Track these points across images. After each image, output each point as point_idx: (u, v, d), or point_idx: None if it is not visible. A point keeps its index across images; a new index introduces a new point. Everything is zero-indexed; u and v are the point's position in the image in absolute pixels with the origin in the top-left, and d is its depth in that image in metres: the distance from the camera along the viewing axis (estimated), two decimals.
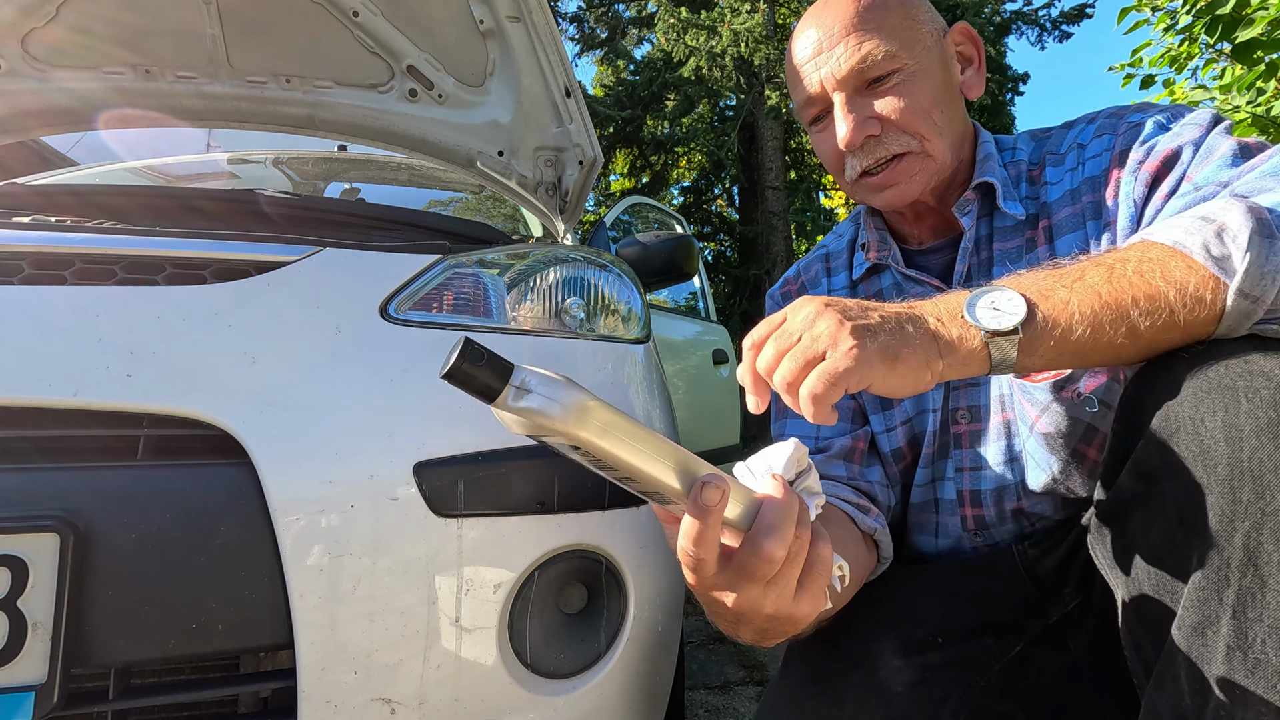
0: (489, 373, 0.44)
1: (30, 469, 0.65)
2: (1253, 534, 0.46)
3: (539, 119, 1.51)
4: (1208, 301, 0.51)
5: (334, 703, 0.67)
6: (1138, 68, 3.12)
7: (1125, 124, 0.76)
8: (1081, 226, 0.76)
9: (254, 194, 1.06)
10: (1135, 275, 0.54)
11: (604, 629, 0.79)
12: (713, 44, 9.77)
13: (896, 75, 0.77)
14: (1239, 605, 0.47)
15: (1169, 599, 0.55)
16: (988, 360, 0.55)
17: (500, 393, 0.45)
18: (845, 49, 0.77)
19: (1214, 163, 0.66)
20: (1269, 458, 0.46)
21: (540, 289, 0.93)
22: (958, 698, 0.70)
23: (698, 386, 2.96)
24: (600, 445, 0.46)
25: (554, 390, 0.45)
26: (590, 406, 0.46)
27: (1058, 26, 11.61)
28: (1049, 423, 0.76)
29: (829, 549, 0.56)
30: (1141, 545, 0.58)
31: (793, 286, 0.99)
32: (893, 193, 0.81)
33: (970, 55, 0.84)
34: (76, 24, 1.42)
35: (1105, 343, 0.53)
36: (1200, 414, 0.50)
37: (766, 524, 0.52)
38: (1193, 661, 0.50)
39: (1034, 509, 0.79)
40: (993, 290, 0.56)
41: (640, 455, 0.48)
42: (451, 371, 0.44)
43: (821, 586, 0.57)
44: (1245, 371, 0.49)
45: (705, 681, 1.95)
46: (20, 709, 0.60)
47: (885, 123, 0.78)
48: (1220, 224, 0.52)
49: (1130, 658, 0.62)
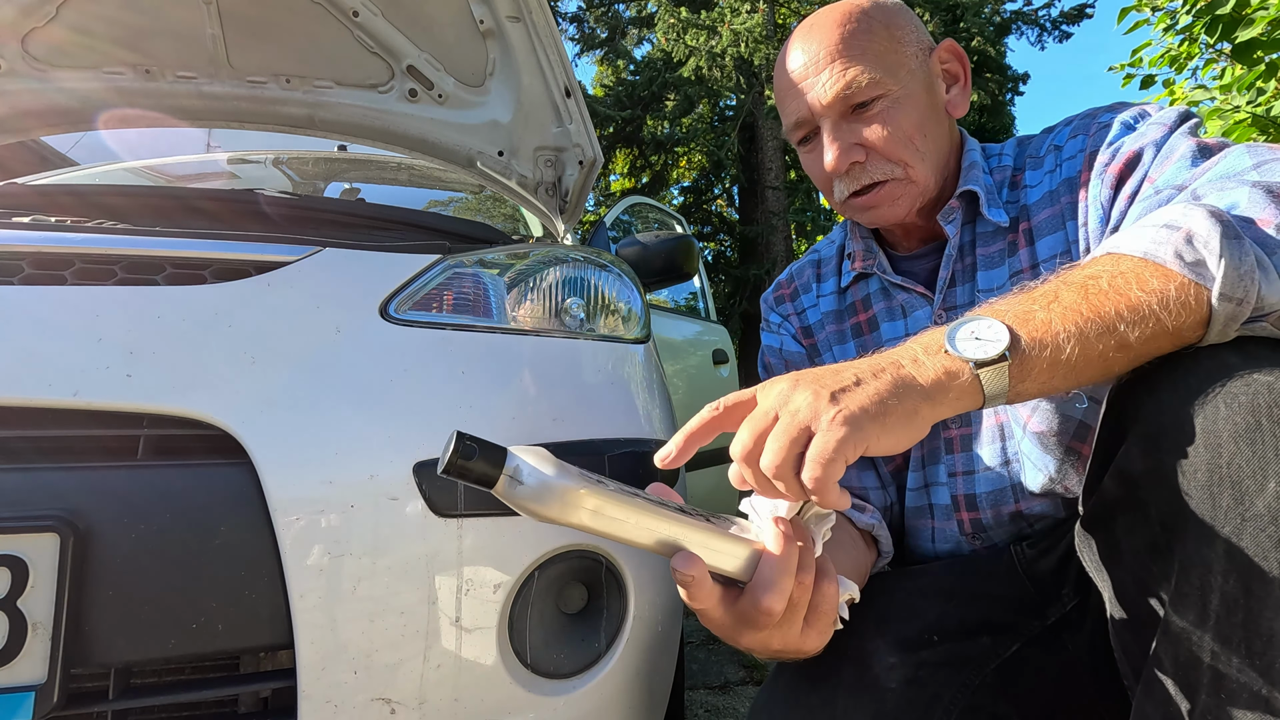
0: (483, 463, 0.48)
1: (30, 469, 0.65)
2: (1233, 539, 0.47)
3: (539, 119, 1.51)
4: (1192, 306, 0.51)
5: (334, 703, 0.67)
6: (1138, 68, 3.12)
7: (1096, 124, 0.77)
8: (1061, 227, 0.77)
9: (254, 194, 1.06)
10: (1111, 290, 0.52)
11: (604, 629, 0.79)
12: (713, 44, 9.77)
13: (881, 101, 0.78)
14: (1222, 610, 0.47)
15: (1154, 603, 0.55)
16: (980, 393, 0.53)
17: (497, 480, 0.48)
18: (830, 75, 0.77)
19: (1173, 164, 0.67)
20: (1247, 463, 0.46)
21: (540, 289, 0.94)
22: (951, 696, 0.70)
23: (698, 386, 2.96)
24: (590, 526, 0.50)
25: (543, 481, 0.49)
26: (578, 494, 0.49)
27: (1058, 26, 11.63)
28: (1041, 421, 0.76)
29: (834, 586, 0.57)
30: (1126, 550, 0.58)
31: (785, 291, 1.01)
32: (877, 214, 0.83)
33: (956, 73, 0.84)
34: (76, 24, 1.42)
35: (1096, 357, 0.52)
36: (1180, 420, 0.50)
37: (765, 580, 0.53)
38: (1179, 666, 0.50)
39: (1032, 510, 0.79)
40: (970, 320, 0.54)
41: (628, 531, 0.51)
42: (448, 468, 0.47)
43: (828, 624, 0.58)
44: (1224, 377, 0.49)
45: (705, 681, 1.95)
46: (20, 709, 0.60)
47: (870, 150, 0.79)
48: (1187, 230, 0.52)
49: (1120, 661, 0.62)
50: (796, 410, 0.50)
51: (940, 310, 0.83)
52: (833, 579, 0.57)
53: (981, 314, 0.55)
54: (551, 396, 0.83)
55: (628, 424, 0.87)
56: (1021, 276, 0.79)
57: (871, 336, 0.91)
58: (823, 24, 0.80)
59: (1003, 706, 0.72)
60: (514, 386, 0.82)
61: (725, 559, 0.54)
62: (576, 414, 0.83)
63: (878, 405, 0.50)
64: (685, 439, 0.55)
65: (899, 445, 0.51)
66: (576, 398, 0.85)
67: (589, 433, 0.82)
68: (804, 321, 0.97)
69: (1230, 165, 0.61)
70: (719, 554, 0.54)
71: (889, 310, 0.89)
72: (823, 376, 0.53)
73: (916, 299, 0.86)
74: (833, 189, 0.84)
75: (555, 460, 0.51)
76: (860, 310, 0.92)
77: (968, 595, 0.78)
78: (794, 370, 0.94)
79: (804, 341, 0.96)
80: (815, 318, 0.96)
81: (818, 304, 0.97)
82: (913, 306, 0.86)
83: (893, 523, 0.89)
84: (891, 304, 0.89)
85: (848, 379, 0.52)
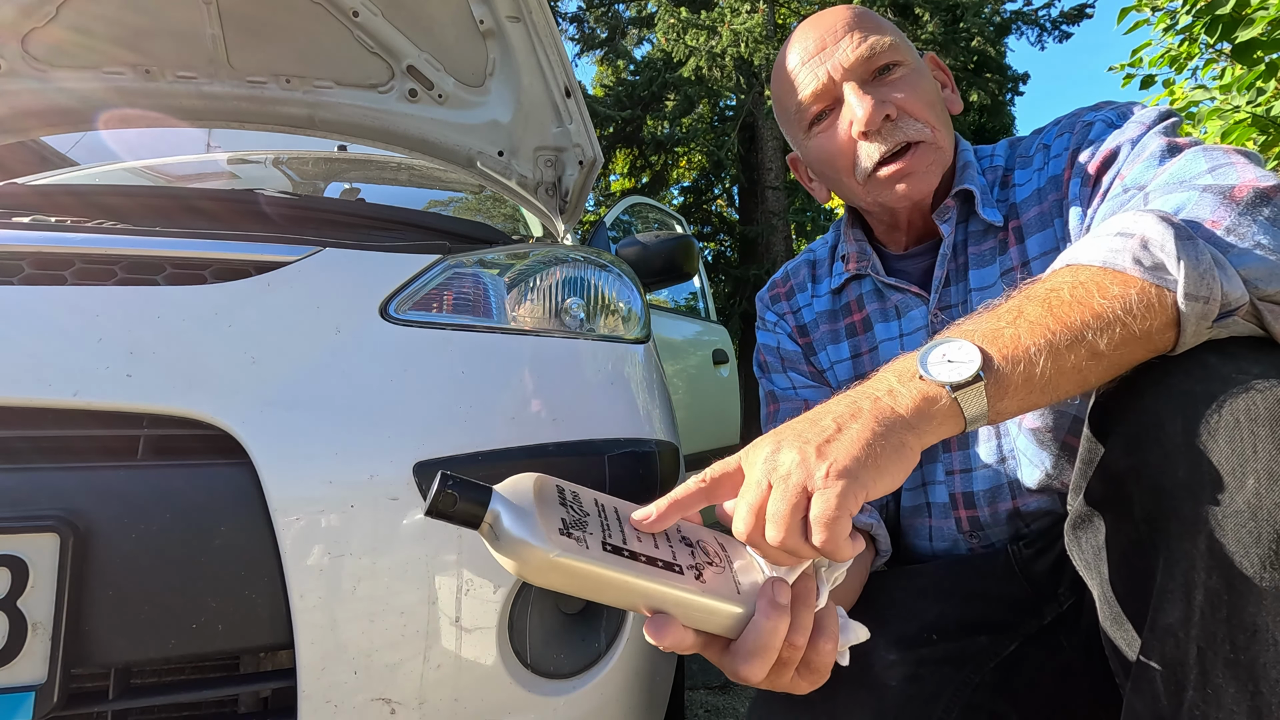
0: (466, 507, 0.48)
1: (30, 469, 0.65)
2: (1215, 535, 0.47)
3: (539, 119, 1.51)
4: (1156, 308, 0.51)
5: (334, 703, 0.67)
6: (1138, 68, 3.12)
7: (1081, 123, 0.78)
8: (1049, 225, 0.78)
9: (254, 194, 1.06)
10: (1074, 300, 0.52)
11: (604, 629, 0.79)
12: (713, 44, 9.77)
13: (901, 68, 0.79)
14: (1207, 606, 0.48)
15: (1141, 601, 0.55)
16: (961, 416, 0.51)
17: (479, 525, 0.48)
18: (851, 41, 0.78)
19: (1140, 163, 0.67)
20: (1227, 461, 0.47)
21: (540, 289, 0.94)
22: (951, 694, 0.71)
23: (698, 386, 2.96)
24: (565, 590, 0.49)
25: (518, 540, 0.47)
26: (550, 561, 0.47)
27: (1058, 26, 11.62)
28: (1035, 418, 0.76)
29: (832, 644, 0.53)
30: (1112, 548, 0.58)
31: (781, 290, 1.01)
32: (911, 183, 0.79)
33: (943, 81, 0.87)
34: (76, 24, 1.42)
35: (1070, 368, 0.51)
36: (1162, 419, 0.50)
37: (745, 650, 0.50)
38: (1166, 662, 0.51)
39: (1030, 507, 0.79)
40: (940, 344, 0.53)
41: (605, 596, 0.50)
42: (430, 511, 0.47)
43: (823, 674, 0.55)
44: (1204, 377, 0.50)
45: (705, 681, 1.95)
46: (20, 709, 0.60)
47: (900, 107, 0.78)
48: (1141, 237, 0.52)
49: (1111, 659, 0.62)
50: (788, 474, 0.49)
51: (936, 310, 0.84)
52: (831, 636, 0.54)
53: (950, 335, 0.54)
54: (551, 396, 0.83)
55: (628, 424, 0.87)
56: (1012, 274, 0.79)
57: (865, 337, 0.91)
58: (827, 15, 0.81)
59: (1001, 705, 0.72)
60: (514, 386, 0.82)
61: (709, 622, 0.51)
62: (576, 414, 0.83)
63: (866, 450, 0.48)
64: (670, 505, 0.53)
65: (895, 483, 0.50)
66: (576, 398, 0.85)
67: (589, 433, 0.82)
68: (799, 320, 0.98)
69: (1184, 168, 0.61)
70: (703, 616, 0.51)
71: (882, 311, 0.89)
72: (803, 431, 0.51)
73: (911, 299, 0.86)
74: (855, 164, 0.80)
75: (540, 507, 0.49)
76: (854, 310, 0.93)
77: (966, 595, 0.78)
78: (790, 368, 0.95)
79: (799, 340, 0.97)
80: (810, 317, 0.97)
81: (812, 304, 0.97)
82: (907, 306, 0.86)
83: (889, 521, 0.89)
84: (885, 305, 0.89)
85: (828, 427, 0.50)
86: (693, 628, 0.51)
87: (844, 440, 0.49)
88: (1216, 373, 0.50)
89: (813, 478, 0.48)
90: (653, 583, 0.49)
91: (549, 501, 0.51)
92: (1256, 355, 0.50)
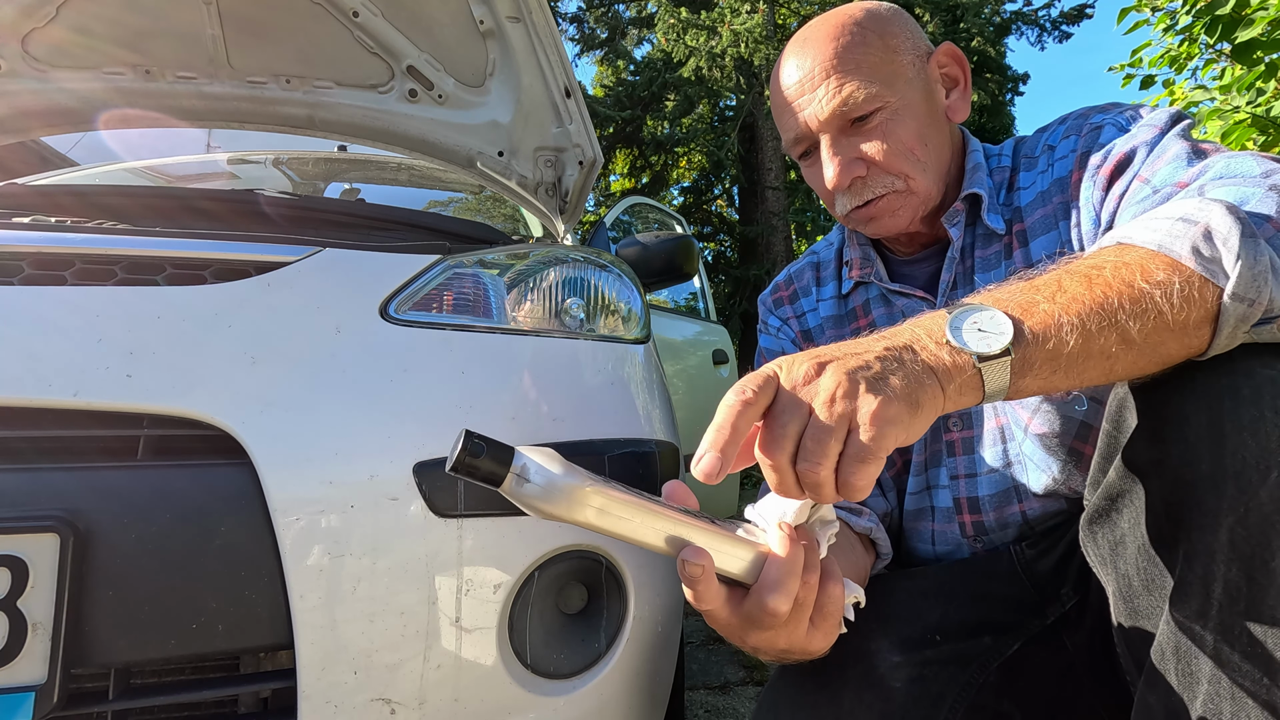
0: (491, 461, 0.48)
1: (30, 469, 0.65)
2: (1237, 528, 0.47)
3: (539, 119, 1.51)
4: (1197, 300, 0.49)
5: (334, 703, 0.67)
6: (1138, 68, 3.12)
7: (1089, 125, 0.77)
8: (1054, 227, 0.77)
9: (254, 194, 1.06)
10: (1115, 279, 0.50)
11: (604, 629, 0.79)
12: (713, 44, 9.77)
13: (879, 114, 0.78)
14: (1225, 599, 0.48)
15: (1158, 595, 0.55)
16: (980, 388, 0.50)
17: (504, 478, 0.49)
18: (826, 91, 0.77)
19: (1166, 164, 0.66)
20: (1250, 454, 0.47)
21: (540, 289, 0.93)
22: (956, 695, 0.71)
23: (698, 386, 2.96)
24: (596, 525, 0.51)
25: (550, 479, 0.49)
26: (585, 493, 0.50)
27: (1057, 26, 11.63)
28: (1042, 423, 0.76)
29: (840, 588, 0.57)
30: (1131, 542, 0.58)
31: (784, 293, 1.00)
32: (879, 225, 0.83)
33: (955, 76, 0.84)
34: (76, 24, 1.42)
35: (1098, 351, 0.49)
36: (1185, 412, 0.50)
37: (770, 580, 0.53)
38: (1181, 656, 0.51)
39: (1035, 511, 0.79)
40: (973, 310, 0.51)
41: (634, 530, 0.52)
42: (456, 465, 0.48)
43: (834, 624, 0.58)
44: (1229, 370, 0.50)
45: (705, 681, 1.95)
46: (20, 709, 0.60)
47: (871, 164, 0.79)
48: (1205, 225, 0.50)
49: (1122, 654, 0.62)
50: (832, 401, 0.46)
51: None
52: (838, 580, 0.57)
53: (983, 302, 0.52)
54: (551, 397, 0.83)
55: (628, 424, 0.87)
56: None
57: None
58: (817, 37, 0.79)
59: (1006, 705, 0.72)
60: (514, 387, 0.82)
61: (731, 560, 0.54)
62: (576, 414, 0.83)
63: (908, 393, 0.47)
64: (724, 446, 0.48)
65: (915, 436, 0.48)
66: (576, 398, 0.85)
67: (589, 433, 0.82)
68: (804, 325, 0.97)
69: (1238, 167, 0.60)
70: (725, 556, 0.54)
71: (889, 316, 0.89)
72: (844, 359, 0.49)
73: (916, 303, 0.86)
74: (835, 203, 0.85)
75: (562, 460, 0.51)
76: (860, 315, 0.92)
77: (969, 595, 0.78)
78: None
79: (804, 345, 0.96)
80: (815, 322, 0.96)
81: (817, 308, 0.97)
82: (913, 311, 0.86)
83: (890, 525, 0.89)
84: (891, 310, 0.89)
85: (870, 360, 0.48)
86: (717, 569, 0.53)
87: (892, 380, 0.47)
88: (1240, 366, 0.49)
89: (859, 411, 0.46)
90: (680, 520, 0.52)
91: (569, 462, 0.52)
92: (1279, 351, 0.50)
